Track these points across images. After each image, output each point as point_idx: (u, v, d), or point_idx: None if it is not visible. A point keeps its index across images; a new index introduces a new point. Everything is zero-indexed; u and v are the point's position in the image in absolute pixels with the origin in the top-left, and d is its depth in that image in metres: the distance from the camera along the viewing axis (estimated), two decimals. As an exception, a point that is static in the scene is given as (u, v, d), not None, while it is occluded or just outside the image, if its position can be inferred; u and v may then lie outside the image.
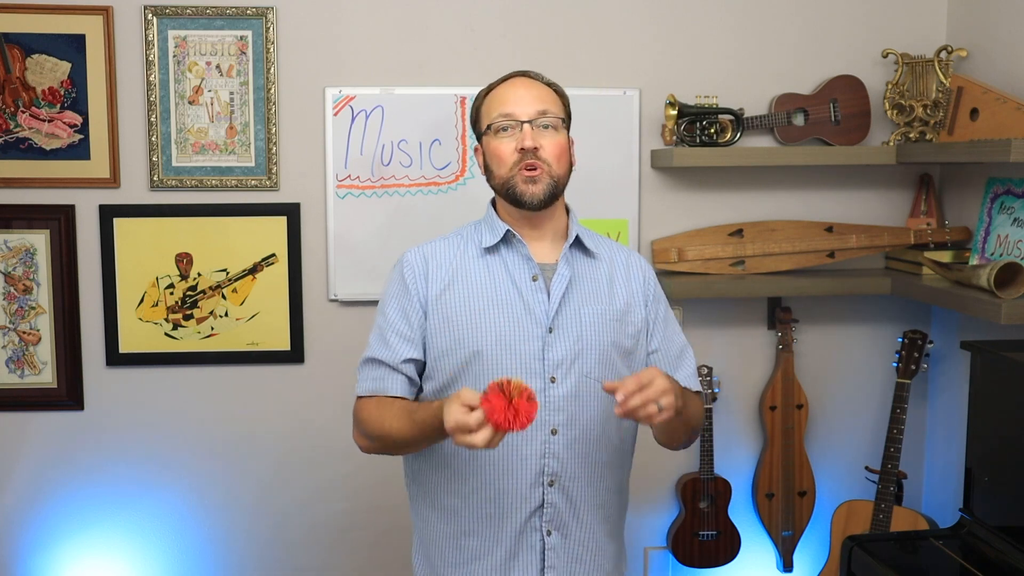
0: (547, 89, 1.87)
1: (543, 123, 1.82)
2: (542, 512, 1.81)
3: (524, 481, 1.79)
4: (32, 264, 2.74)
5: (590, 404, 1.82)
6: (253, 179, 2.75)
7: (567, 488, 1.81)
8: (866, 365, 3.01)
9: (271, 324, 2.79)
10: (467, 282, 1.84)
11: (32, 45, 2.66)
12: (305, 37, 2.74)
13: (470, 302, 1.82)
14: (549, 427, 1.79)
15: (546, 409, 1.78)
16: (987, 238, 2.65)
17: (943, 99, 2.72)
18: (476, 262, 1.86)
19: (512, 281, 1.83)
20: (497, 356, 1.79)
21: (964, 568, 2.37)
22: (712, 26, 2.85)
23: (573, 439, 1.80)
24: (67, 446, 2.79)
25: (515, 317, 1.80)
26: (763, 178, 2.90)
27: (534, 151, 1.79)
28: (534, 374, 1.78)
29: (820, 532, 3.02)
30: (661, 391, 1.59)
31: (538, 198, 1.80)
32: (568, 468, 1.80)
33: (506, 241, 1.87)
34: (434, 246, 1.91)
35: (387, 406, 1.81)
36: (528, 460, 1.79)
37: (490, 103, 1.87)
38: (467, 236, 1.91)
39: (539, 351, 1.79)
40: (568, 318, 1.82)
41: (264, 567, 2.88)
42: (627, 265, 1.92)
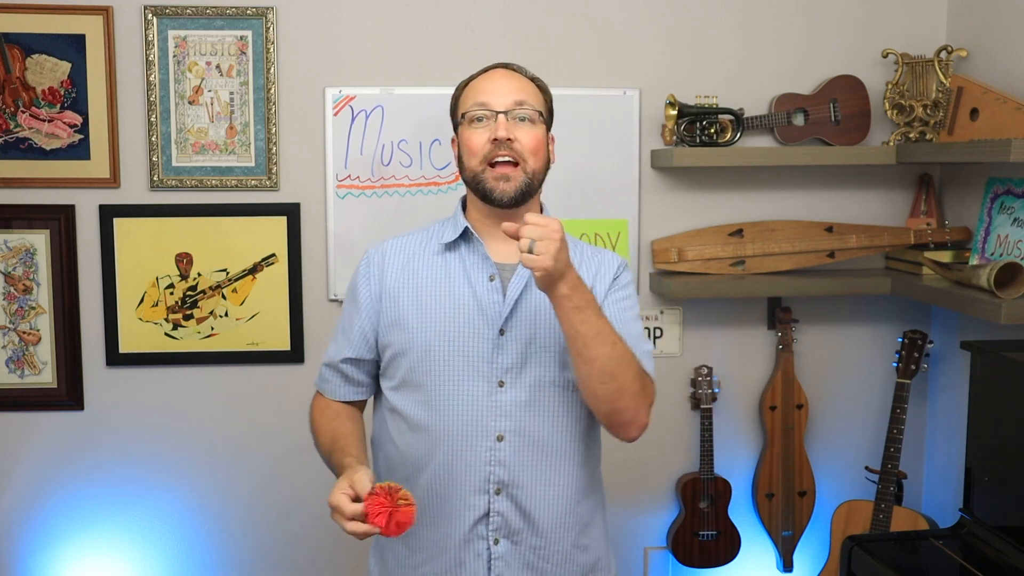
0: (527, 82, 1.82)
1: (519, 115, 1.75)
2: (488, 520, 1.76)
3: (467, 488, 1.74)
4: (32, 264, 2.74)
5: (543, 410, 1.76)
6: (253, 179, 2.75)
7: (516, 496, 1.76)
8: (866, 365, 3.01)
9: (271, 324, 2.79)
10: (421, 281, 1.80)
11: (32, 45, 2.66)
12: (305, 37, 2.74)
13: (422, 301, 1.78)
14: (494, 433, 1.74)
15: (491, 414, 1.73)
16: (987, 238, 2.65)
17: (943, 99, 2.72)
18: (433, 259, 1.81)
19: (468, 280, 1.78)
20: (445, 357, 1.74)
21: (964, 568, 2.37)
22: (712, 26, 2.85)
23: (522, 446, 1.74)
24: (67, 446, 2.79)
25: (466, 317, 1.75)
26: (763, 178, 2.90)
27: (508, 142, 1.72)
28: (481, 377, 1.74)
29: (820, 532, 3.02)
30: (542, 234, 1.55)
31: (508, 195, 1.74)
32: (517, 476, 1.75)
33: (466, 239, 1.82)
34: (396, 242, 1.87)
35: (326, 420, 1.84)
36: (472, 467, 1.74)
37: (468, 92, 1.82)
38: (431, 233, 1.86)
39: (489, 353, 1.74)
40: (523, 320, 1.76)
41: (264, 566, 2.88)
42: (597, 268, 1.84)
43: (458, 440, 1.74)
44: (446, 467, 1.75)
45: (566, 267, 1.60)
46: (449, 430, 1.74)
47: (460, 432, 1.74)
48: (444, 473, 1.75)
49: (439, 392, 1.75)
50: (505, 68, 1.84)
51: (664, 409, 2.94)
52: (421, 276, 1.80)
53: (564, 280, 1.60)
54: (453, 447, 1.74)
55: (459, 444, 1.74)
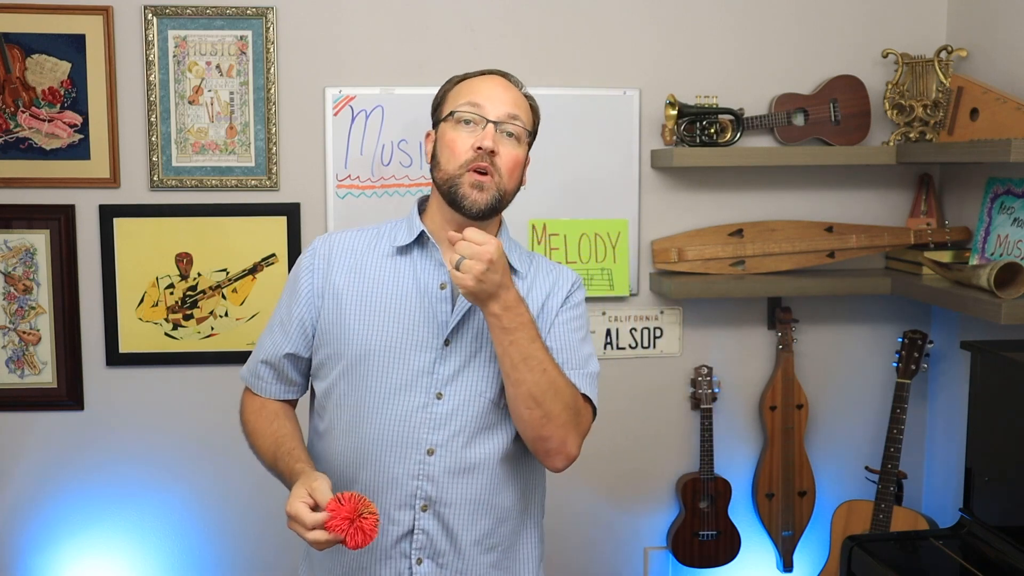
0: (522, 97, 1.75)
1: (508, 129, 1.69)
2: (412, 538, 1.69)
3: (393, 502, 1.67)
4: (32, 264, 2.74)
5: (478, 426, 1.69)
6: (253, 179, 2.75)
7: (443, 515, 1.68)
8: (866, 365, 3.01)
9: (271, 324, 2.78)
10: (367, 281, 1.72)
11: (32, 45, 2.66)
12: (305, 37, 2.74)
13: (365, 303, 1.71)
14: (425, 446, 1.67)
15: (424, 427, 1.67)
16: (987, 238, 2.65)
17: (943, 99, 2.72)
18: (383, 261, 1.74)
19: (417, 286, 1.71)
20: (383, 364, 1.68)
21: (964, 568, 2.37)
22: (712, 26, 2.85)
23: (453, 462, 1.67)
24: (67, 446, 2.79)
25: (410, 325, 1.69)
26: (763, 178, 2.90)
27: (490, 154, 1.65)
28: (419, 388, 1.67)
29: (820, 532, 3.02)
30: (472, 252, 1.52)
31: (479, 207, 1.66)
32: (446, 493, 1.68)
33: (420, 243, 1.74)
34: (345, 237, 1.79)
35: (263, 422, 1.76)
36: (398, 480, 1.67)
37: (460, 90, 1.74)
38: (384, 233, 1.78)
39: (430, 363, 1.67)
40: (469, 332, 1.69)
41: (264, 566, 2.88)
42: (552, 285, 1.78)
43: (387, 450, 1.67)
44: (374, 478, 1.68)
45: (497, 288, 1.56)
46: (378, 439, 1.68)
47: (390, 442, 1.67)
48: (369, 486, 1.68)
49: (372, 400, 1.68)
50: (503, 77, 1.77)
51: (664, 409, 2.95)
52: (368, 277, 1.73)
53: (495, 300, 1.57)
54: (382, 458, 1.67)
55: (387, 455, 1.67)
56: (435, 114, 1.78)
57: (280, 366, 1.79)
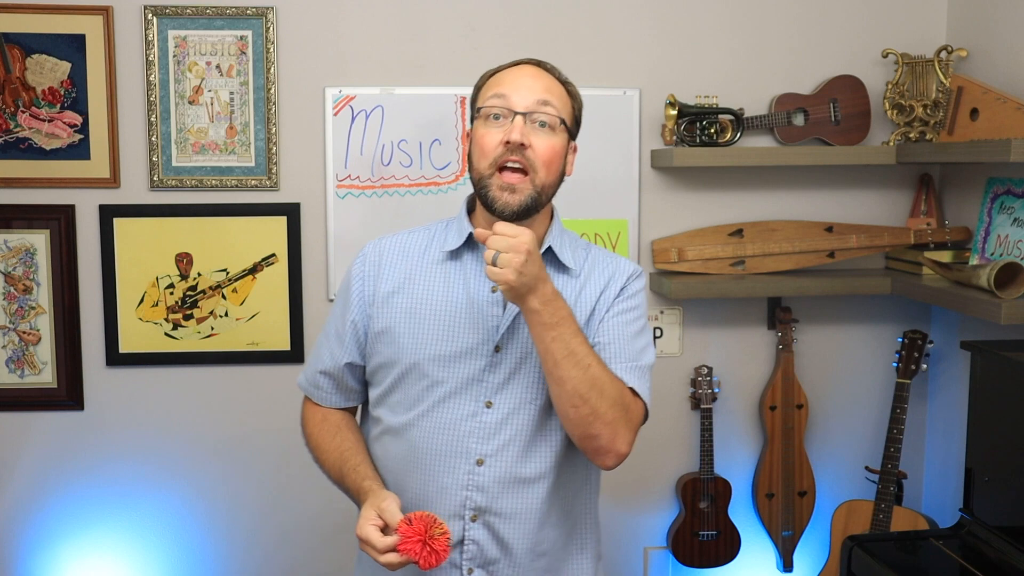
0: (556, 83, 1.67)
1: (540, 119, 1.60)
2: (463, 548, 1.65)
3: (442, 512, 1.62)
4: (32, 264, 2.74)
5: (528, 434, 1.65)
6: (253, 179, 2.75)
7: (493, 524, 1.65)
8: (866, 365, 3.01)
9: (271, 324, 2.79)
10: (417, 289, 1.68)
11: (32, 45, 2.66)
12: (305, 37, 2.74)
13: (415, 311, 1.67)
14: (475, 456, 1.63)
15: (473, 436, 1.63)
16: (987, 238, 2.65)
17: (943, 99, 2.72)
18: (433, 267, 1.69)
19: (467, 292, 1.66)
20: (433, 372, 1.64)
21: (964, 568, 2.36)
22: (712, 26, 2.85)
23: (503, 472, 1.63)
24: (67, 446, 2.79)
25: (461, 332, 1.64)
26: (763, 178, 2.90)
27: (520, 148, 1.58)
28: (469, 397, 1.64)
29: (820, 532, 3.02)
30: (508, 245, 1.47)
31: (511, 209, 1.59)
32: (496, 503, 1.64)
33: (470, 246, 1.69)
34: (396, 241, 1.75)
35: (326, 436, 1.75)
36: (448, 491, 1.63)
37: (488, 85, 1.67)
38: (434, 234, 1.74)
39: (480, 371, 1.63)
40: (520, 337, 1.64)
41: (264, 567, 2.88)
42: (610, 276, 1.72)
43: (437, 461, 1.64)
44: (423, 488, 1.65)
45: (535, 281, 1.50)
46: (429, 450, 1.65)
47: (441, 453, 1.64)
48: (419, 492, 1.66)
49: (421, 408, 1.66)
50: (536, 65, 1.68)
51: (664, 409, 2.95)
52: (418, 284, 1.69)
53: (534, 294, 1.51)
54: (432, 468, 1.64)
55: (438, 465, 1.64)
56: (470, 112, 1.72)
57: (339, 375, 1.76)
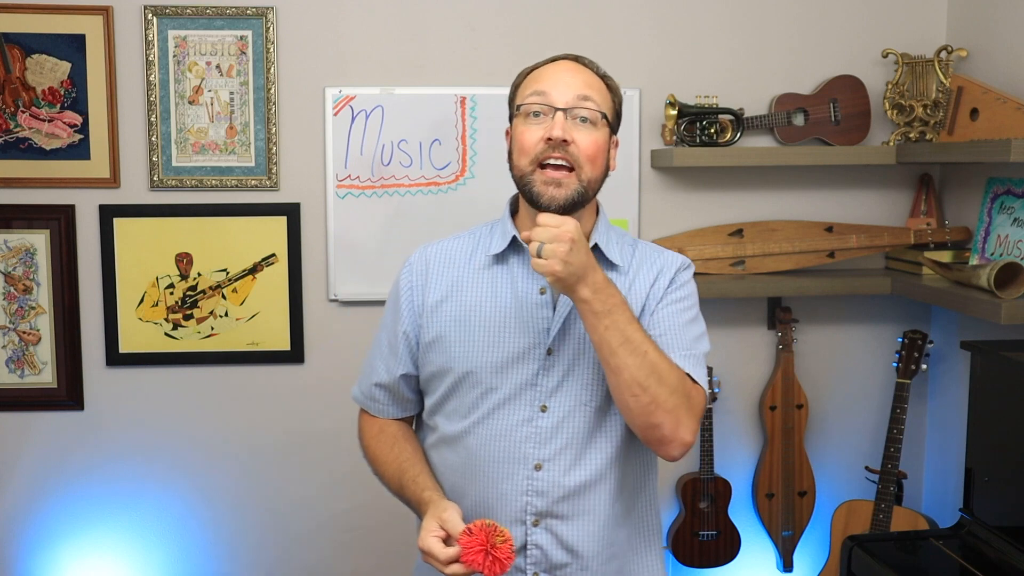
0: (596, 78, 1.66)
1: (581, 114, 1.59)
2: (526, 553, 1.64)
3: (503, 519, 1.61)
4: (32, 264, 2.74)
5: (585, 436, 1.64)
6: (253, 179, 2.75)
7: (555, 528, 1.64)
8: (866, 365, 3.01)
9: (271, 324, 2.79)
10: (465, 295, 1.67)
11: (32, 45, 2.66)
12: (305, 37, 2.74)
13: (464, 319, 1.66)
14: (533, 461, 1.62)
15: (530, 441, 1.62)
16: (987, 238, 2.65)
17: (943, 99, 2.72)
18: (480, 273, 1.69)
19: (515, 295, 1.65)
20: (489, 379, 1.63)
21: (964, 568, 2.37)
22: (712, 26, 2.85)
23: (562, 475, 1.63)
24: (67, 446, 2.79)
25: (511, 337, 1.63)
26: (763, 178, 2.90)
27: (563, 144, 1.56)
28: (524, 402, 1.63)
29: (820, 532, 3.02)
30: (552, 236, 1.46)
31: (557, 203, 1.58)
32: (557, 507, 1.63)
33: (515, 248, 1.68)
34: (441, 248, 1.74)
35: (384, 448, 1.74)
36: (507, 497, 1.62)
37: (527, 82, 1.65)
38: (479, 239, 1.73)
39: (533, 375, 1.62)
40: (571, 338, 1.63)
41: (264, 567, 2.88)
42: (659, 270, 1.71)
43: (496, 468, 1.63)
44: (482, 495, 1.64)
45: (583, 269, 1.48)
46: (486, 457, 1.64)
47: (498, 460, 1.63)
48: (479, 499, 1.65)
49: (477, 415, 1.65)
50: (574, 60, 1.67)
51: (664, 409, 2.94)
52: (465, 291, 1.68)
53: (583, 283, 1.49)
54: (490, 475, 1.63)
55: (497, 472, 1.63)
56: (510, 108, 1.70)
57: (395, 387, 1.76)
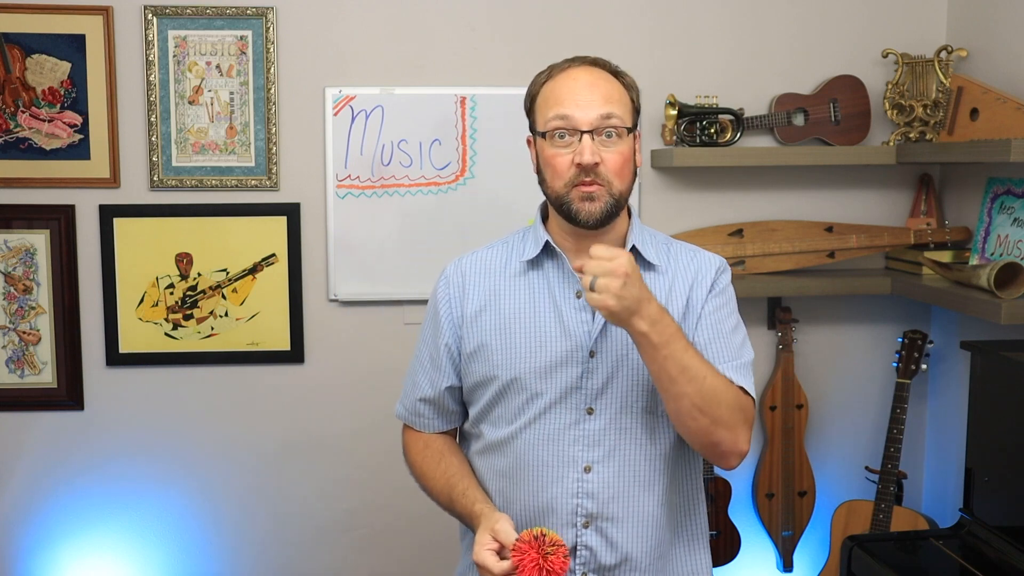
0: (614, 82, 1.64)
1: (607, 131, 1.59)
2: (576, 554, 1.65)
3: (554, 522, 1.63)
4: (32, 264, 2.74)
5: (633, 437, 1.64)
6: (253, 179, 2.75)
7: (606, 530, 1.64)
8: (866, 365, 3.01)
9: (271, 324, 2.78)
10: (503, 304, 1.68)
11: (32, 45, 2.66)
12: (305, 37, 2.74)
13: (505, 327, 1.67)
14: (582, 464, 1.63)
15: (578, 444, 1.63)
16: (987, 238, 2.65)
17: (943, 99, 2.72)
18: (516, 280, 1.69)
19: (553, 300, 1.66)
20: (532, 385, 1.64)
21: (964, 568, 2.37)
22: (712, 26, 2.85)
23: (611, 477, 1.63)
24: (67, 446, 2.79)
25: (552, 342, 1.64)
26: (763, 178, 2.90)
27: (594, 168, 1.58)
28: (570, 405, 1.63)
29: (820, 532, 3.02)
30: (604, 269, 1.45)
31: (595, 217, 1.60)
32: (606, 508, 1.64)
33: (549, 253, 1.69)
34: (475, 258, 1.75)
35: (431, 464, 1.74)
36: (558, 500, 1.63)
37: (547, 98, 1.64)
38: (512, 247, 1.74)
39: (577, 378, 1.63)
40: (613, 340, 1.63)
41: (264, 567, 2.88)
42: (695, 275, 1.70)
43: (545, 472, 1.64)
44: (532, 499, 1.65)
45: (637, 303, 1.47)
46: (535, 462, 1.65)
47: (546, 464, 1.64)
48: (530, 508, 1.65)
49: (524, 422, 1.65)
50: (590, 66, 1.65)
51: (664, 409, 2.94)
52: (503, 299, 1.69)
53: (639, 316, 1.48)
54: (539, 480, 1.64)
55: (546, 476, 1.64)
56: (529, 119, 1.70)
57: (440, 400, 1.76)
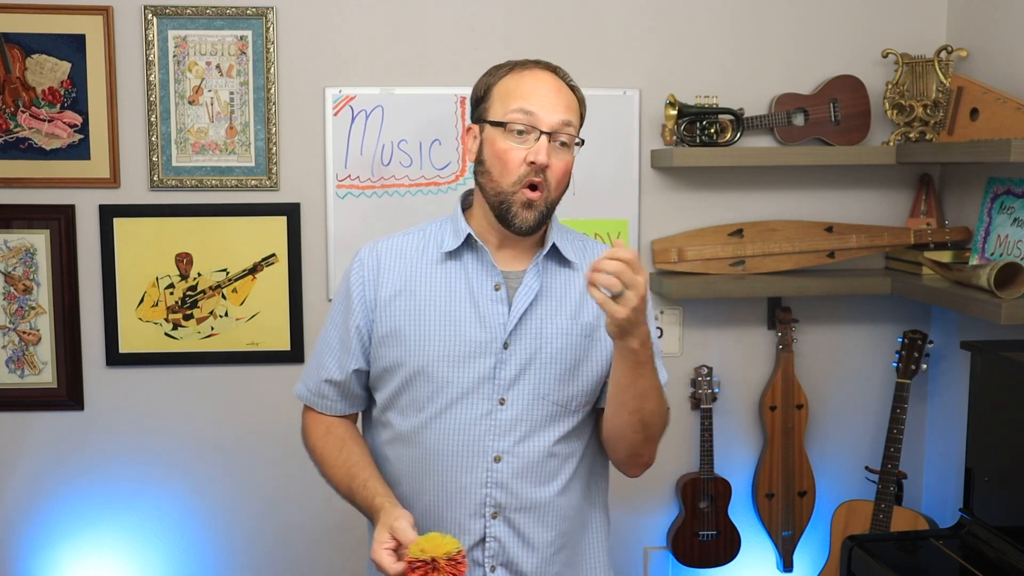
0: (571, 95, 1.67)
1: (562, 139, 1.62)
2: (484, 546, 1.66)
3: (463, 512, 1.65)
4: (32, 264, 2.74)
5: (543, 429, 1.66)
6: (253, 179, 2.75)
7: (513, 520, 1.66)
8: (866, 365, 3.01)
9: (271, 324, 2.79)
10: (419, 290, 1.68)
11: (32, 45, 2.66)
12: (305, 37, 2.74)
13: (418, 313, 1.66)
14: (492, 454, 1.64)
15: (489, 434, 1.64)
16: (987, 238, 2.65)
17: (943, 99, 2.72)
18: (433, 268, 1.69)
19: (470, 291, 1.67)
20: (444, 373, 1.64)
21: (964, 568, 2.37)
22: (712, 26, 2.85)
23: (522, 467, 1.65)
24: (67, 446, 2.79)
25: (466, 331, 1.64)
26: (763, 178, 2.90)
27: (543, 169, 1.60)
28: (482, 395, 1.64)
29: (820, 532, 3.02)
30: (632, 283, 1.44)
31: (529, 225, 1.62)
32: (516, 498, 1.65)
33: (469, 245, 1.69)
34: (391, 243, 1.74)
35: (331, 449, 1.73)
36: (467, 490, 1.64)
37: (509, 90, 1.64)
38: (430, 235, 1.73)
39: (490, 368, 1.64)
40: (528, 334, 1.65)
41: (264, 567, 2.88)
42: None
43: (454, 461, 1.65)
44: (441, 489, 1.66)
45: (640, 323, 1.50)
46: (445, 451, 1.65)
47: (457, 453, 1.65)
48: (439, 498, 1.66)
49: (434, 409, 1.66)
50: (553, 73, 1.67)
51: (664, 409, 2.94)
52: (419, 285, 1.68)
53: (635, 334, 1.51)
54: (449, 469, 1.65)
55: (455, 466, 1.65)
56: (477, 108, 1.69)
57: (346, 383, 1.75)
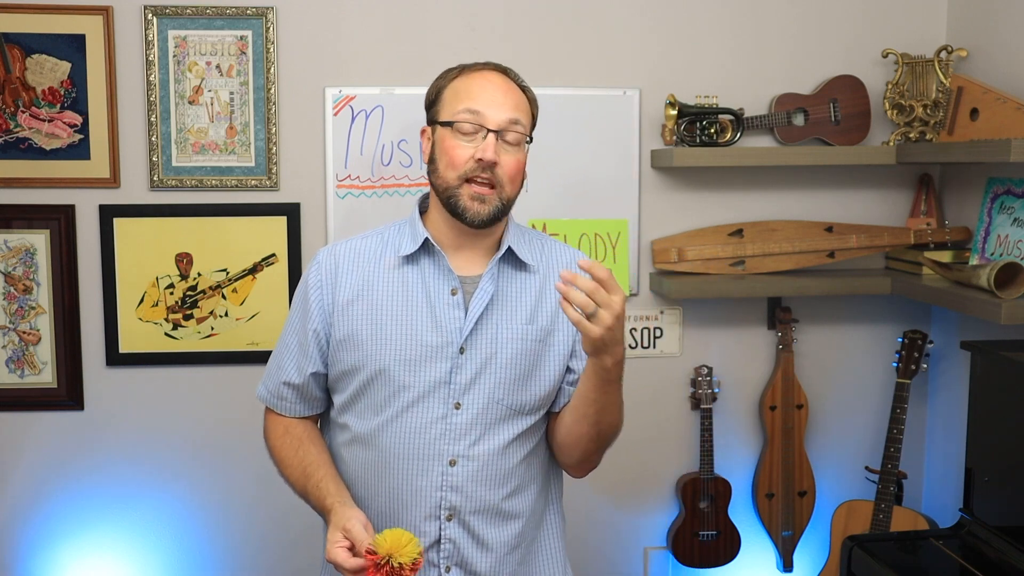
0: (520, 95, 1.70)
1: (509, 136, 1.65)
2: (439, 548, 1.69)
3: (418, 514, 1.67)
4: (32, 264, 2.74)
5: (498, 433, 1.69)
6: (253, 179, 2.75)
7: (468, 522, 1.69)
8: (866, 365, 3.01)
9: (271, 324, 2.78)
10: (376, 295, 1.69)
11: (32, 45, 2.66)
12: (305, 37, 2.74)
13: (376, 317, 1.68)
14: (447, 457, 1.67)
15: (444, 438, 1.66)
16: (987, 238, 2.65)
17: (943, 99, 2.72)
18: (390, 273, 1.71)
19: (427, 295, 1.69)
20: (399, 376, 1.66)
21: (964, 568, 2.37)
22: (712, 26, 2.85)
23: (476, 470, 1.68)
24: (67, 446, 2.79)
25: (422, 335, 1.66)
26: (763, 178, 2.90)
27: (492, 166, 1.63)
28: (437, 399, 1.66)
29: (820, 532, 3.02)
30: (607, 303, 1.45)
31: (483, 218, 1.64)
32: (471, 501, 1.68)
33: (426, 250, 1.71)
34: (349, 246, 1.75)
35: (289, 450, 1.75)
36: (422, 492, 1.67)
37: (458, 91, 1.68)
38: (388, 239, 1.75)
39: (446, 373, 1.66)
40: (484, 338, 1.67)
41: (264, 567, 2.88)
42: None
43: (410, 464, 1.67)
44: (397, 492, 1.68)
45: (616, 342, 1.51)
46: (400, 454, 1.68)
47: (412, 457, 1.67)
48: (395, 499, 1.69)
49: (390, 413, 1.68)
50: (502, 74, 1.71)
51: (664, 409, 2.95)
52: (376, 289, 1.70)
53: (611, 353, 1.53)
54: (404, 472, 1.67)
55: (411, 468, 1.67)
56: (430, 111, 1.73)
57: (305, 386, 1.77)
